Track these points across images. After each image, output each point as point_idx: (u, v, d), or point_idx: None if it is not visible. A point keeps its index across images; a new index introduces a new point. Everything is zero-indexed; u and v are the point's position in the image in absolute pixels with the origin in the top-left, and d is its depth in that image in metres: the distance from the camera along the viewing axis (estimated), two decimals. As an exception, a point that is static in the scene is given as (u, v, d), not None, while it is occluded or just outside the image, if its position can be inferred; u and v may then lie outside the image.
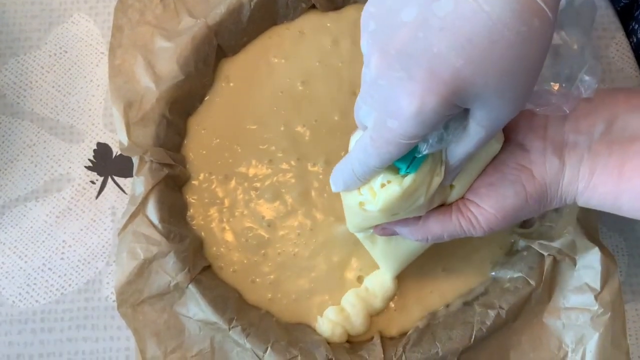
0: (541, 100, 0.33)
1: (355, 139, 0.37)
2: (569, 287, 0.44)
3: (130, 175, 0.50)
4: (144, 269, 0.43)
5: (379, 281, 0.45)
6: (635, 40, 0.54)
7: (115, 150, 0.51)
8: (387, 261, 0.44)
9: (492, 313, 0.43)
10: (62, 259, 0.49)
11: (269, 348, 0.42)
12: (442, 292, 0.46)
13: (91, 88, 0.52)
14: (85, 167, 0.51)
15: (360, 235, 0.43)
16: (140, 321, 0.43)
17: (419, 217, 0.38)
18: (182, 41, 0.48)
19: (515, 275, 0.45)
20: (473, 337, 0.42)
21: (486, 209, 0.36)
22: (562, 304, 0.44)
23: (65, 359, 0.47)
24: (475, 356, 0.43)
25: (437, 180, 0.35)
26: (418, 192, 0.35)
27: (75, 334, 0.47)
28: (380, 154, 0.32)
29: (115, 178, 0.50)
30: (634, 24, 0.55)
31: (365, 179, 0.35)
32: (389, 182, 0.34)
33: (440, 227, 0.37)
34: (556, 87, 0.33)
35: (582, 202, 0.36)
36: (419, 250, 0.42)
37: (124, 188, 0.50)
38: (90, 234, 0.49)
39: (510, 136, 0.37)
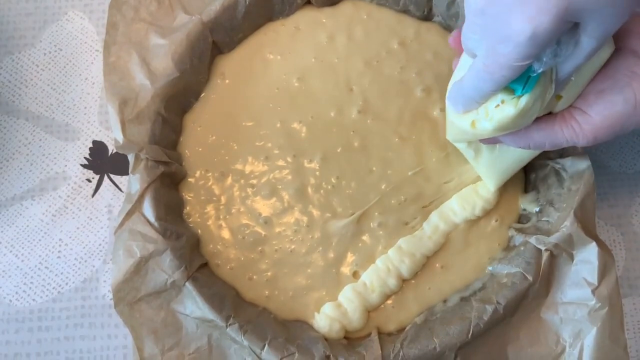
0: None
1: (461, 63, 0.38)
2: (566, 282, 0.44)
3: (127, 173, 0.50)
4: (140, 267, 0.43)
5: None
6: None
7: (111, 148, 0.51)
8: (491, 171, 0.44)
9: (489, 308, 0.43)
10: (58, 257, 0.49)
11: (266, 345, 0.42)
12: (440, 287, 0.46)
13: (86, 86, 0.52)
14: (81, 165, 0.51)
15: (461, 146, 0.44)
16: (137, 319, 0.43)
17: None
18: (177, 38, 0.47)
19: (513, 270, 0.44)
20: (470, 332, 0.42)
21: (592, 116, 0.35)
22: (560, 299, 0.44)
23: (62, 357, 0.47)
24: (473, 351, 0.43)
25: (550, 96, 0.35)
26: (532, 110, 0.35)
27: (73, 333, 0.47)
28: (494, 79, 0.33)
29: (112, 176, 0.50)
30: None
31: (481, 102, 0.36)
32: (503, 102, 0.35)
33: (543, 135, 0.37)
34: None
35: None
36: (524, 160, 0.43)
37: (120, 186, 0.50)
38: (87, 232, 0.49)
39: (623, 43, 0.36)
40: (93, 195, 0.50)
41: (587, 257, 0.43)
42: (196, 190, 0.48)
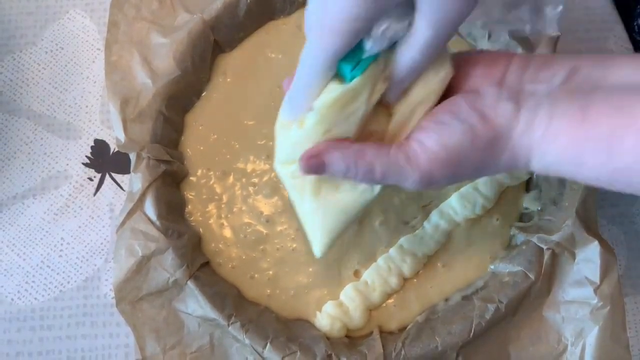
0: (511, 15, 0.32)
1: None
2: (568, 281, 0.44)
3: (128, 172, 0.50)
4: (142, 266, 0.43)
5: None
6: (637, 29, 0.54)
7: (113, 147, 0.51)
8: (316, 224, 0.37)
9: (491, 307, 0.43)
10: (60, 256, 0.49)
11: (268, 344, 0.42)
12: (442, 286, 0.46)
13: (88, 85, 0.52)
14: (83, 164, 0.51)
15: (291, 192, 0.38)
16: (139, 318, 0.43)
17: (352, 141, 0.34)
18: (179, 37, 0.47)
19: (515, 269, 0.44)
20: (472, 331, 0.42)
21: (429, 145, 0.32)
22: (562, 298, 0.44)
23: (64, 356, 0.47)
24: (475, 350, 0.43)
25: (380, 88, 0.33)
26: (359, 99, 0.33)
27: (74, 331, 0.47)
28: (323, 46, 0.30)
29: (113, 175, 0.50)
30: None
31: (313, 93, 0.33)
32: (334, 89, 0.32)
33: (375, 155, 0.33)
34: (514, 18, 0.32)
35: (537, 162, 0.32)
36: (351, 209, 0.36)
37: (122, 185, 0.50)
38: (89, 231, 0.49)
39: (466, 86, 0.34)
40: (95, 194, 0.50)
41: (589, 256, 0.43)
42: (198, 189, 0.48)
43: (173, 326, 0.43)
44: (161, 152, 0.46)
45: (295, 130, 0.34)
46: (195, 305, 0.43)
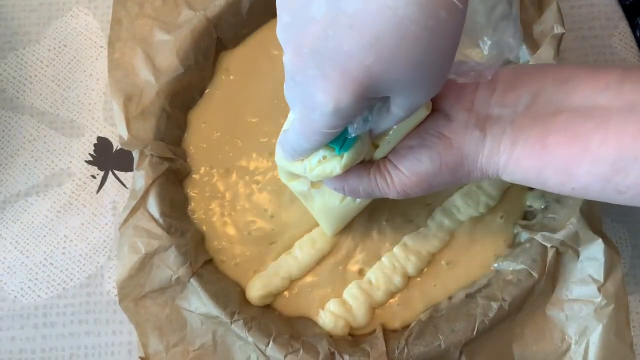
0: (462, 68, 0.32)
1: (289, 118, 0.38)
2: (572, 279, 0.44)
3: (131, 170, 0.50)
4: (145, 263, 0.43)
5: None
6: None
7: (116, 145, 0.51)
8: (324, 217, 0.44)
9: (494, 305, 0.43)
10: (63, 253, 0.49)
11: (271, 341, 0.42)
12: (445, 284, 0.46)
13: (91, 82, 0.52)
14: (86, 161, 0.51)
15: (300, 197, 0.44)
16: (142, 315, 0.43)
17: None
18: (182, 34, 0.47)
19: (518, 267, 0.44)
20: (476, 329, 0.42)
21: (402, 170, 0.36)
22: (565, 296, 0.44)
23: (67, 353, 0.47)
24: (478, 349, 0.43)
25: (367, 147, 0.36)
26: (353, 164, 0.36)
27: (78, 329, 0.47)
28: (309, 140, 0.33)
29: (116, 172, 0.50)
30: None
31: (304, 156, 0.36)
32: (324, 158, 0.35)
33: (357, 180, 0.38)
34: (476, 54, 0.33)
35: (506, 177, 0.36)
36: (354, 210, 0.43)
37: (125, 182, 0.50)
38: (92, 229, 0.49)
39: (438, 105, 0.37)
40: (98, 192, 0.50)
41: (593, 254, 0.43)
42: (201, 187, 0.48)
43: (176, 324, 0.43)
44: (164, 149, 0.46)
45: (296, 175, 0.40)
46: (198, 302, 0.43)
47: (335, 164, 0.35)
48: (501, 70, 0.36)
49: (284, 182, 0.42)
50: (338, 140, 0.34)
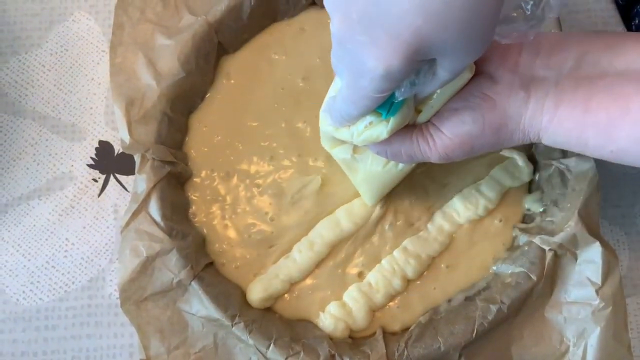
0: (506, 29, 0.33)
1: (334, 85, 0.39)
2: (570, 282, 0.44)
3: (133, 173, 0.50)
4: (146, 267, 0.44)
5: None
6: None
7: (117, 148, 0.51)
8: (366, 185, 0.45)
9: (493, 308, 0.43)
10: (65, 257, 0.49)
11: (271, 344, 0.42)
12: (444, 287, 0.46)
13: (92, 86, 0.52)
14: (88, 165, 0.51)
15: (339, 158, 0.44)
16: (143, 318, 0.43)
17: None
18: (183, 38, 0.48)
19: (517, 270, 0.45)
20: (475, 332, 0.42)
21: (444, 132, 0.37)
22: (564, 299, 0.44)
23: (69, 356, 0.47)
24: (477, 351, 0.43)
25: (412, 112, 0.37)
26: (398, 128, 0.37)
27: (79, 332, 0.47)
28: (357, 107, 0.34)
29: (118, 176, 0.51)
30: (637, 20, 0.54)
31: (351, 123, 0.37)
32: (371, 123, 0.36)
33: (399, 143, 0.38)
34: (519, 13, 0.33)
35: (547, 139, 0.36)
36: (395, 176, 0.44)
37: (127, 186, 0.50)
38: (93, 232, 0.49)
39: (482, 68, 0.37)
40: (99, 195, 0.50)
41: (591, 257, 0.43)
42: (202, 190, 0.48)
43: (177, 326, 0.44)
44: (165, 153, 0.46)
45: (341, 140, 0.40)
46: (199, 305, 0.43)
47: (381, 128, 0.36)
48: (545, 34, 0.36)
49: (327, 150, 0.43)
50: (385, 105, 0.34)
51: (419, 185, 0.48)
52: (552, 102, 0.35)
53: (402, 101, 0.35)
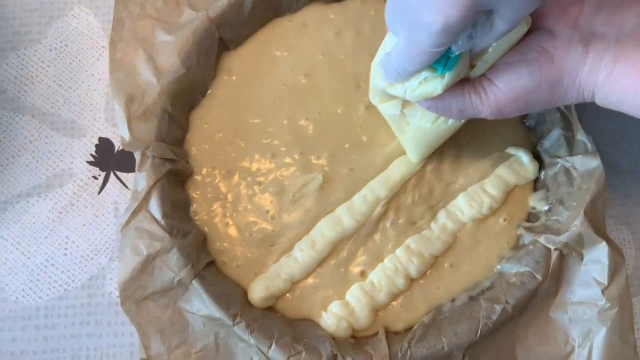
0: None
1: (387, 40, 0.38)
2: (575, 282, 0.44)
3: (133, 170, 0.50)
4: (147, 265, 0.43)
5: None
6: None
7: (117, 145, 0.51)
8: (413, 144, 0.45)
9: (498, 308, 0.43)
10: (65, 255, 0.48)
11: (273, 344, 0.42)
12: (448, 287, 0.46)
13: (92, 82, 0.52)
14: (87, 162, 0.50)
15: (390, 121, 0.45)
16: (144, 317, 0.43)
17: None
18: (184, 34, 0.47)
19: (522, 269, 0.44)
20: (479, 331, 0.42)
21: (498, 85, 0.36)
22: (569, 299, 0.44)
23: (69, 355, 0.47)
24: (481, 351, 0.43)
25: (466, 67, 0.36)
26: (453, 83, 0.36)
27: (79, 330, 0.47)
28: (413, 62, 0.34)
29: (118, 173, 0.50)
30: None
31: (407, 78, 0.36)
32: (426, 79, 0.36)
33: (451, 97, 0.37)
34: None
35: (601, 98, 0.35)
36: (442, 133, 0.43)
37: (127, 183, 0.50)
38: (93, 230, 0.49)
39: (541, 22, 0.36)
40: (99, 193, 0.50)
41: (597, 257, 0.43)
42: (203, 188, 0.48)
43: (178, 325, 0.43)
44: (166, 150, 0.45)
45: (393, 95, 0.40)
46: (200, 304, 0.43)
47: (436, 84, 0.36)
48: None
49: (375, 104, 0.43)
50: (441, 60, 0.34)
51: (424, 183, 0.47)
52: (610, 58, 0.34)
53: (457, 56, 0.34)
